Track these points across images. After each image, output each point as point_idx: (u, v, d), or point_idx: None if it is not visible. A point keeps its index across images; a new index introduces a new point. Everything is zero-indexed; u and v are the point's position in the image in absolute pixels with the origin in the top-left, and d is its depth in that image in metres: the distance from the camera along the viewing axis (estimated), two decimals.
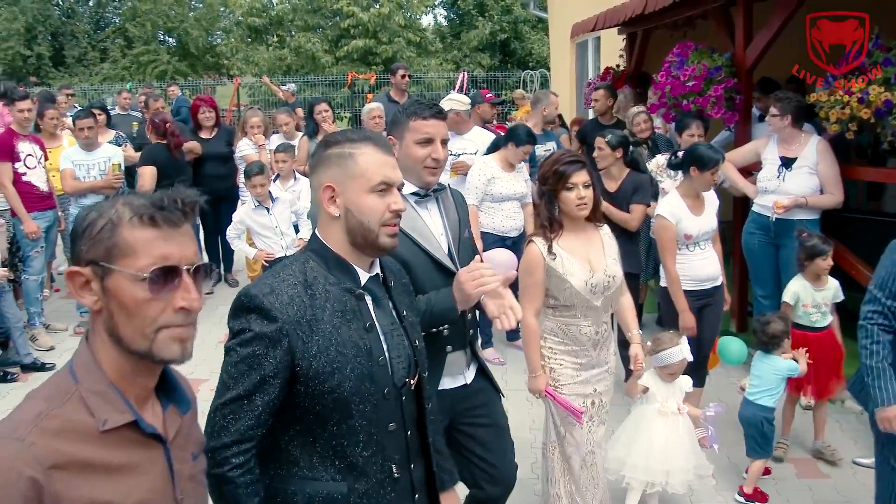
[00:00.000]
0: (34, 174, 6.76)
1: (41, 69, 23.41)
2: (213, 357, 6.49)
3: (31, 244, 6.65)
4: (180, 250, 1.49)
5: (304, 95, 18.16)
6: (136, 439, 1.49)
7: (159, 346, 1.47)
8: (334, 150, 2.11)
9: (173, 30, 25.27)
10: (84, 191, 6.96)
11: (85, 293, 1.48)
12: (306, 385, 1.97)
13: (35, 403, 1.45)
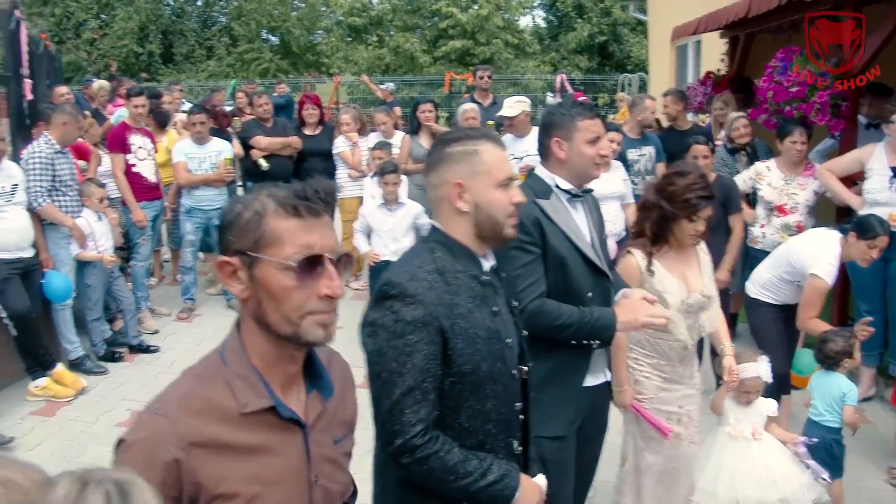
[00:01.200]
0: (144, 166, 7.07)
1: (152, 66, 24.25)
2: None
3: (139, 232, 6.96)
4: (322, 239, 1.55)
5: (401, 94, 18.37)
6: (274, 423, 1.57)
7: (305, 330, 1.54)
8: (457, 148, 2.19)
9: (276, 29, 25.81)
10: (196, 183, 7.26)
11: (233, 282, 1.56)
12: (450, 366, 2.06)
13: (185, 381, 1.58)
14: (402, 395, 1.99)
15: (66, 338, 6.17)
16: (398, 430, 2.00)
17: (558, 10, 25.75)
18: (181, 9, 26.65)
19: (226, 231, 1.57)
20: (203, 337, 6.94)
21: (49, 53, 8.97)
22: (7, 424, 5.35)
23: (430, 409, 2.02)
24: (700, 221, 3.25)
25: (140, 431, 1.49)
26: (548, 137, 2.92)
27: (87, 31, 24.16)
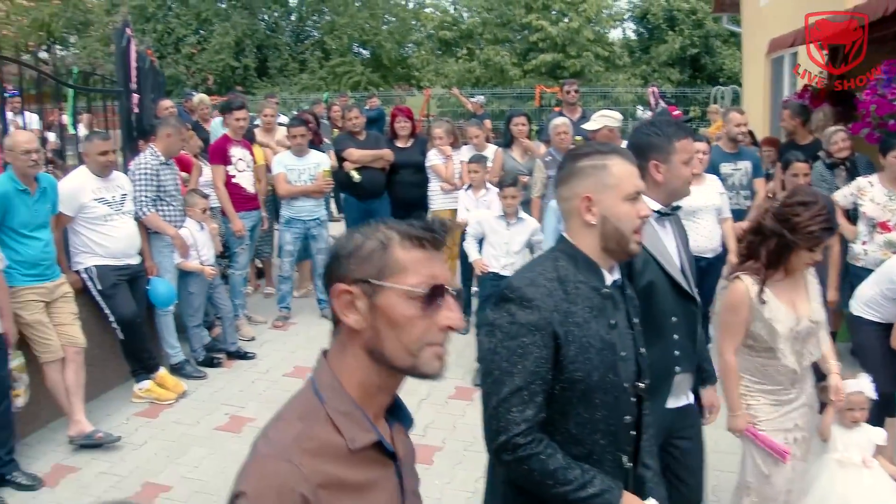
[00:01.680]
0: (243, 177, 7.27)
1: (247, 79, 24.89)
2: None
3: (238, 241, 7.16)
4: (444, 272, 1.57)
5: (491, 107, 18.44)
6: (376, 458, 1.57)
7: (423, 361, 1.54)
8: (587, 162, 2.26)
9: (368, 42, 26.21)
10: (296, 194, 7.46)
11: (350, 311, 1.54)
12: (561, 373, 2.11)
13: (291, 424, 1.53)
14: (509, 394, 2.06)
15: (167, 343, 6.40)
16: (502, 427, 2.07)
17: (649, 23, 25.50)
18: (275, 23, 27.28)
19: (343, 260, 1.56)
20: (298, 345, 7.10)
21: (154, 68, 9.32)
22: (114, 424, 5.57)
23: (535, 411, 2.08)
24: (818, 252, 3.21)
25: (266, 479, 1.45)
26: (644, 160, 2.85)
27: (186, 47, 24.94)
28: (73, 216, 5.64)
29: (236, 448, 5.21)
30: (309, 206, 7.54)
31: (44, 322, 5.21)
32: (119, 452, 5.22)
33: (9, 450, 4.86)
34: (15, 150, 5.02)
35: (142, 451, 5.25)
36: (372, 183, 8.08)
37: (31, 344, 5.20)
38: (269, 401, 5.95)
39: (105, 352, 5.96)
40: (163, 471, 4.98)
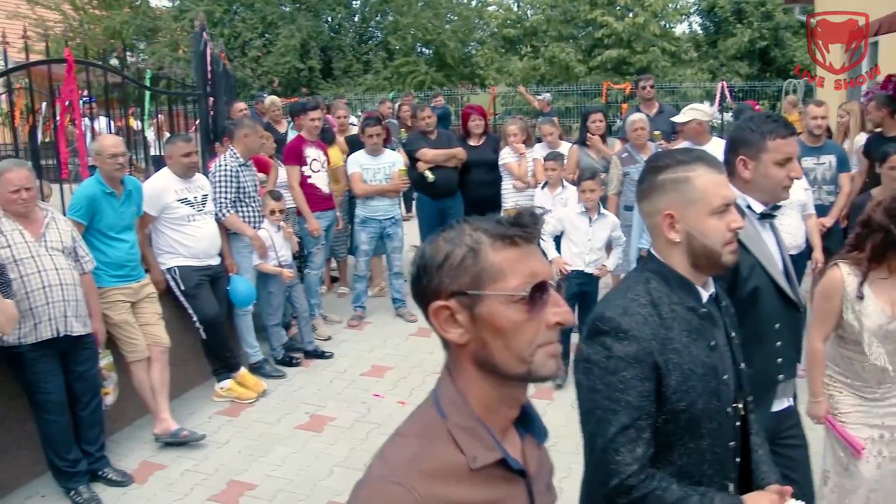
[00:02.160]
0: (318, 177, 7.33)
1: (312, 81, 25.07)
2: None
3: (313, 241, 7.21)
4: (542, 265, 1.46)
5: (556, 105, 18.30)
6: (502, 475, 1.47)
7: (537, 364, 1.44)
8: (668, 176, 2.10)
9: (431, 42, 26.21)
10: (372, 193, 7.48)
11: (450, 327, 1.45)
12: (664, 405, 1.98)
13: (409, 443, 1.46)
14: (616, 434, 1.93)
15: (247, 342, 6.47)
16: (613, 470, 1.93)
17: (716, 16, 25.03)
18: (339, 25, 27.45)
19: (433, 273, 1.46)
20: (374, 344, 7.13)
21: (226, 71, 9.44)
22: (196, 423, 5.64)
23: (645, 448, 1.95)
24: None
25: (376, 502, 1.40)
26: (733, 154, 2.76)
27: (252, 50, 25.24)
28: (156, 216, 5.74)
29: (318, 447, 5.25)
30: (384, 205, 7.56)
31: (130, 322, 5.31)
32: (203, 450, 5.28)
33: (100, 446, 4.97)
34: (103, 153, 5.12)
35: (225, 449, 5.32)
36: (446, 182, 8.08)
37: (118, 343, 5.30)
38: (348, 400, 5.98)
39: (186, 351, 6.05)
40: (247, 469, 5.03)
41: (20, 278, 4.47)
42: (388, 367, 6.59)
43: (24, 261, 4.51)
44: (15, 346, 4.51)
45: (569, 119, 19.04)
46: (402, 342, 7.19)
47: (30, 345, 4.52)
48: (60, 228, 4.77)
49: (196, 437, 5.34)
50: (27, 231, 4.59)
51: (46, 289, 4.54)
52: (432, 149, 8.08)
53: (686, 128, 6.40)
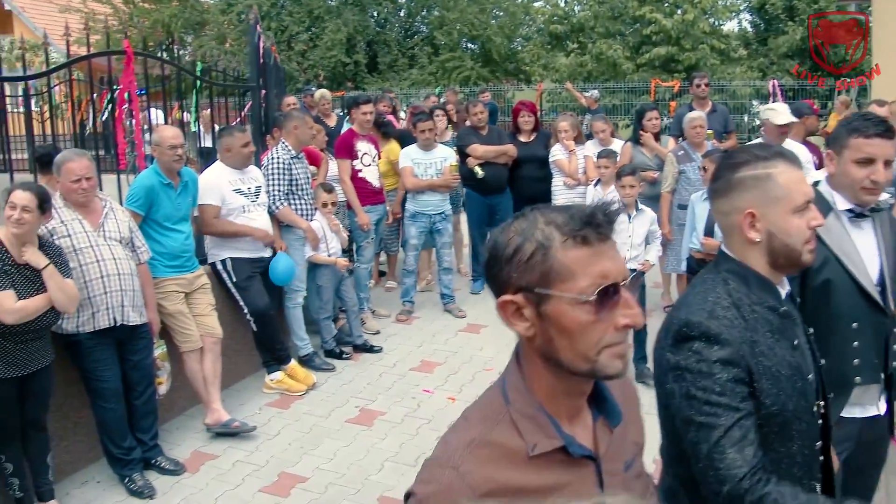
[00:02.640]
0: (369, 171, 7.33)
1: (357, 75, 25.15)
2: None
3: (363, 235, 7.21)
4: (615, 265, 1.42)
5: (603, 102, 18.15)
6: (565, 461, 1.46)
7: (602, 365, 1.42)
8: (748, 173, 2.03)
9: (477, 37, 26.15)
10: (423, 188, 7.46)
11: (517, 320, 1.45)
12: (758, 410, 1.92)
13: (470, 427, 1.47)
14: (720, 438, 1.86)
15: (297, 335, 6.49)
16: (723, 476, 1.86)
17: (767, 13, 24.65)
18: (385, 20, 27.49)
19: (503, 265, 1.44)
20: (423, 339, 7.12)
21: (276, 64, 9.48)
22: (246, 414, 5.67)
23: (754, 450, 1.87)
24: None
25: (431, 485, 1.40)
26: (827, 146, 2.74)
27: (298, 44, 25.36)
28: (220, 206, 5.76)
29: (368, 442, 5.25)
30: (435, 200, 7.54)
31: (184, 312, 5.35)
32: (254, 442, 5.31)
33: (153, 435, 5.02)
34: (162, 144, 5.16)
35: (276, 441, 5.33)
36: (495, 178, 8.05)
37: (172, 334, 5.34)
38: (398, 395, 5.98)
39: (237, 342, 6.09)
40: (298, 461, 5.04)
41: (79, 267, 4.52)
42: (438, 363, 6.57)
43: (83, 250, 4.56)
44: (73, 335, 4.57)
45: (615, 116, 18.89)
46: (451, 338, 7.17)
47: (87, 333, 4.58)
48: (118, 219, 4.82)
49: (247, 428, 5.37)
50: (87, 221, 4.64)
51: (105, 278, 4.58)
52: (483, 145, 8.05)
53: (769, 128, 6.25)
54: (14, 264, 4.11)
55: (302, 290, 6.45)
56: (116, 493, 4.73)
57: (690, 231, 5.91)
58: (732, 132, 8.71)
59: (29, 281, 4.12)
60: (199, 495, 4.68)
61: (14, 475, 4.30)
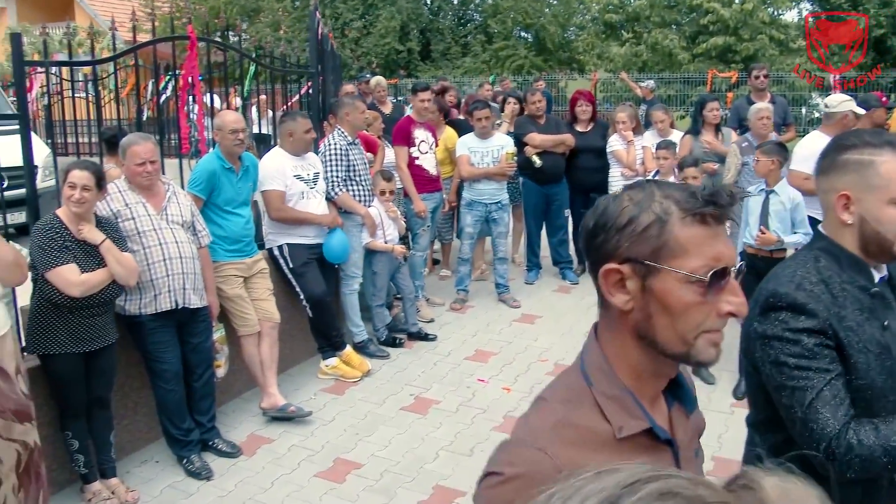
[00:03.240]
0: (425, 159, 7.31)
1: (410, 63, 25.17)
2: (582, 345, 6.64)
3: (419, 223, 7.19)
4: (727, 249, 1.38)
5: (658, 93, 17.91)
6: (648, 445, 1.43)
7: (697, 349, 1.39)
8: (852, 156, 2.02)
9: (531, 26, 26.00)
10: (479, 176, 7.42)
11: (618, 291, 1.41)
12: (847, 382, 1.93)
13: (552, 409, 1.44)
14: (812, 400, 1.90)
15: (352, 321, 6.51)
16: (819, 436, 1.89)
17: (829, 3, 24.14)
18: (439, 7, 27.45)
19: (612, 233, 1.40)
20: (477, 328, 7.10)
21: (333, 51, 9.50)
22: (302, 399, 5.70)
23: (846, 409, 1.90)
24: None
25: (517, 466, 1.36)
26: None
27: (352, 31, 25.44)
28: (285, 191, 5.78)
29: (423, 430, 5.25)
30: (491, 188, 7.50)
31: (243, 296, 5.39)
32: (310, 427, 5.33)
33: (211, 417, 5.07)
34: (224, 129, 5.19)
35: (331, 427, 5.35)
36: (553, 168, 8.00)
37: (230, 317, 5.38)
38: (453, 383, 5.96)
39: (293, 328, 6.11)
40: (353, 448, 5.05)
41: (142, 250, 4.57)
42: (492, 353, 6.54)
43: (146, 233, 4.61)
44: (135, 316, 4.63)
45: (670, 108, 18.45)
46: (505, 328, 7.14)
47: (149, 315, 4.63)
48: (180, 202, 4.86)
49: (303, 413, 5.39)
50: (150, 204, 4.69)
51: (167, 261, 4.63)
52: (541, 134, 7.99)
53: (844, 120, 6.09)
54: (74, 240, 4.20)
55: (358, 276, 6.46)
56: (174, 472, 4.79)
57: (744, 225, 5.81)
58: (791, 124, 8.55)
59: (89, 256, 4.22)
60: (255, 478, 4.72)
61: (79, 451, 4.39)
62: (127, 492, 4.52)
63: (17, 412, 3.82)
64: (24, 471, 3.90)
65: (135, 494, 4.52)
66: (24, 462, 3.88)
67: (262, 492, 4.57)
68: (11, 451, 3.83)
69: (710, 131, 7.46)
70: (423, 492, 4.53)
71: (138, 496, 4.52)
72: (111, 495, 4.46)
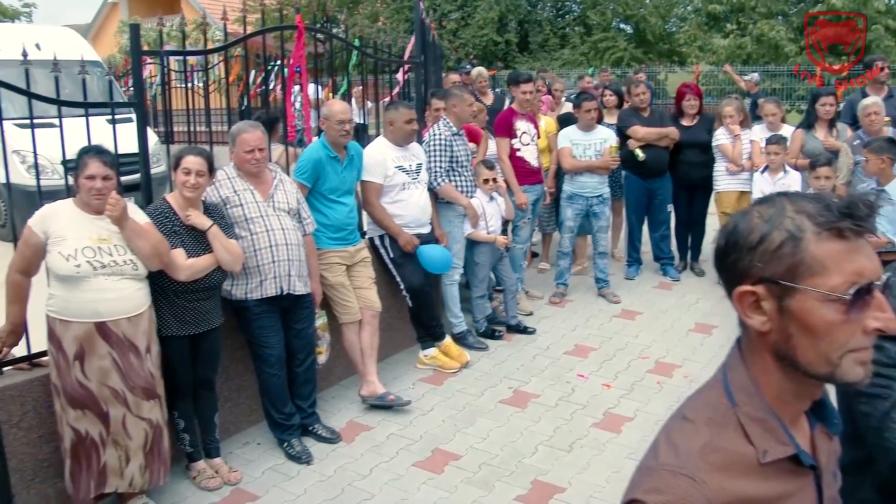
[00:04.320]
0: (527, 150, 7.25)
1: (508, 54, 25.05)
2: (684, 343, 6.49)
3: (520, 215, 7.12)
4: (870, 262, 1.30)
5: (764, 86, 17.40)
6: (791, 469, 1.37)
7: (843, 370, 1.31)
8: None
9: (631, 17, 25.56)
10: (581, 169, 7.33)
11: (754, 313, 1.35)
12: None
13: (698, 431, 1.38)
14: (889, 409, 1.84)
15: (452, 312, 6.50)
16: (890, 447, 1.84)
17: None
18: None
19: (745, 253, 1.34)
20: (576, 323, 7.01)
21: (434, 42, 9.49)
22: (400, 388, 5.71)
23: None
24: None
25: (665, 494, 1.32)
26: None
27: (450, 22, 25.46)
28: (382, 184, 5.80)
29: (522, 424, 5.20)
30: (593, 182, 7.38)
31: (345, 284, 5.42)
32: (408, 416, 5.34)
33: (311, 403, 5.13)
34: (331, 119, 5.23)
35: (430, 417, 5.35)
36: (656, 162, 7.85)
37: (332, 305, 5.43)
38: (552, 378, 5.90)
39: (393, 317, 6.13)
40: (452, 439, 5.04)
41: (250, 236, 4.65)
42: (592, 348, 6.45)
43: (253, 220, 4.67)
44: (241, 301, 4.71)
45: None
46: (605, 323, 7.03)
47: (255, 300, 4.70)
48: (287, 190, 4.92)
49: (402, 402, 5.41)
50: (258, 191, 4.76)
51: (273, 248, 4.69)
52: (644, 126, 7.84)
53: None
54: (183, 226, 4.30)
55: (459, 267, 6.44)
56: (275, 456, 4.86)
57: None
58: None
59: (196, 241, 4.32)
60: (354, 465, 4.75)
61: (185, 431, 4.51)
62: (230, 472, 4.61)
63: (144, 389, 3.94)
64: (150, 450, 4.02)
65: (237, 475, 4.61)
66: (150, 441, 4.01)
67: (360, 478, 4.59)
68: (140, 430, 3.96)
69: (824, 127, 7.18)
70: (522, 486, 4.49)
71: (240, 476, 4.60)
72: (215, 474, 4.56)
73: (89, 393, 3.82)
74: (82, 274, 3.77)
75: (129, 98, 8.53)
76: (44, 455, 4.05)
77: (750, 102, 13.85)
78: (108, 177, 3.87)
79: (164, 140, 4.86)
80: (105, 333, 3.82)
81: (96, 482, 3.94)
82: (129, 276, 3.91)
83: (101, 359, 3.82)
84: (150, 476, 4.09)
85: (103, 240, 3.88)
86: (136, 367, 3.94)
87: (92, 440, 3.88)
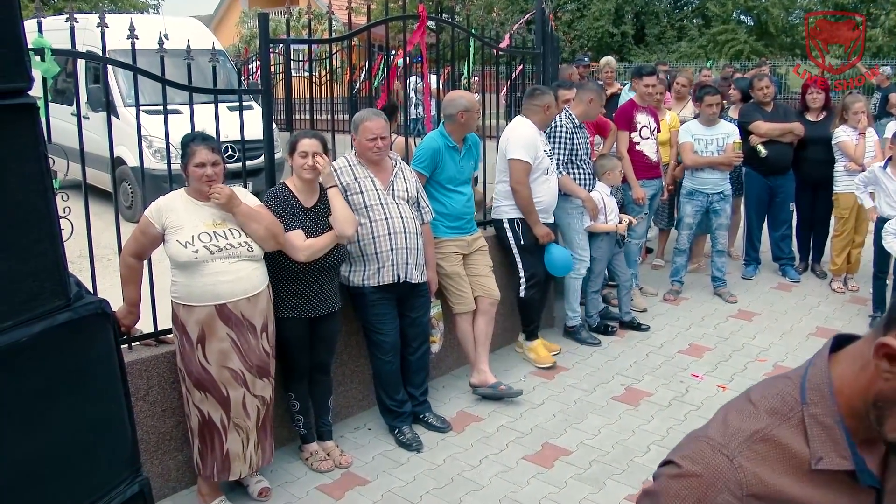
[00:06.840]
0: (646, 144, 7.12)
1: (624, 46, 24.71)
2: (804, 347, 6.27)
3: (637, 209, 7.00)
4: None
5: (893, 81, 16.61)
6: (847, 483, 1.33)
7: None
8: None
9: (752, 9, 24.85)
10: (703, 165, 7.17)
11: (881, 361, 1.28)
12: None
13: (757, 416, 1.36)
14: None
15: (570, 305, 6.45)
16: None
17: None
18: None
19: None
20: (691, 321, 6.87)
21: (553, 33, 9.41)
22: (511, 380, 5.69)
23: None
24: None
25: (697, 465, 1.32)
26: None
27: (566, 14, 25.24)
28: (532, 164, 5.75)
29: (634, 422, 5.12)
30: (714, 178, 7.19)
31: (461, 274, 5.43)
32: (518, 408, 5.32)
33: (423, 391, 5.16)
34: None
35: (540, 410, 5.32)
36: (778, 158, 7.61)
37: (447, 294, 5.44)
38: (665, 377, 5.79)
39: (506, 307, 6.08)
40: (562, 434, 5.00)
41: (369, 223, 4.69)
42: (707, 348, 6.30)
43: (373, 207, 4.72)
44: (359, 287, 4.77)
45: None
46: (720, 322, 6.86)
47: (372, 287, 4.75)
48: (406, 178, 4.95)
49: (513, 392, 5.39)
50: (378, 179, 4.80)
51: (391, 235, 4.73)
52: (767, 122, 7.60)
53: None
54: (301, 208, 4.37)
55: (586, 260, 6.32)
56: (386, 441, 4.92)
57: None
58: None
59: (314, 224, 4.38)
60: (464, 455, 4.76)
61: (300, 413, 4.59)
62: (341, 455, 4.68)
63: (259, 367, 4.04)
64: (261, 427, 4.13)
65: (348, 458, 4.67)
66: (262, 418, 4.11)
67: (470, 469, 4.60)
68: (254, 407, 4.06)
69: None
70: (633, 485, 4.41)
71: (351, 461, 4.67)
72: (326, 457, 4.64)
73: (210, 377, 3.93)
74: (200, 259, 3.87)
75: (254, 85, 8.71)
76: (166, 428, 4.21)
77: (881, 97, 13.29)
78: (216, 162, 3.96)
79: (287, 127, 4.93)
80: (225, 315, 3.92)
81: (220, 468, 4.05)
82: (246, 258, 3.99)
83: (220, 341, 3.92)
84: (262, 454, 4.19)
85: (218, 224, 3.99)
86: (254, 346, 4.03)
87: (214, 425, 3.99)
